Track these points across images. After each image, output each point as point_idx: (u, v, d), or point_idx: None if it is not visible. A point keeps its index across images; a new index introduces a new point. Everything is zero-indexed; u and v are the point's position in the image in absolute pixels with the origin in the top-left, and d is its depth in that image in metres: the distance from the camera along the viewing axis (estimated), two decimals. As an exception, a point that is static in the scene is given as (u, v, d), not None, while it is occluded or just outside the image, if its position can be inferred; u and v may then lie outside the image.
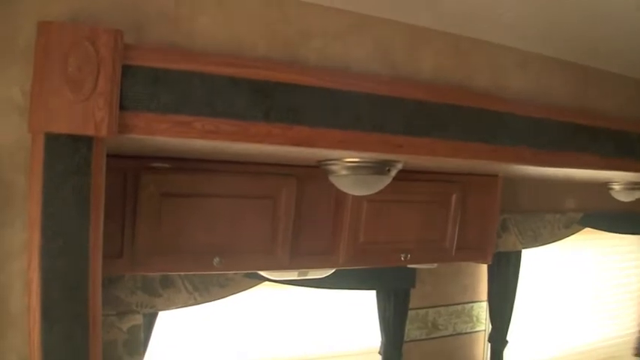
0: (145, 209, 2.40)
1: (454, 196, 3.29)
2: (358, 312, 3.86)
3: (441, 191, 3.27)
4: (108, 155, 1.91)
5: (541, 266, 4.69)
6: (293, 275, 2.93)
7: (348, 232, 2.89)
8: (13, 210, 2.02)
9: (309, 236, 2.81)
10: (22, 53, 1.94)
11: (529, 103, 2.93)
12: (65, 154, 1.80)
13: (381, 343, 3.81)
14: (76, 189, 1.82)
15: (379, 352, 3.83)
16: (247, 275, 3.03)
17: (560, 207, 4.30)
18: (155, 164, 2.43)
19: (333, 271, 3.04)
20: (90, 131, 1.80)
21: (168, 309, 2.86)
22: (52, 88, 1.79)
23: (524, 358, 4.68)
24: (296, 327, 3.64)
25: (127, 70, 1.88)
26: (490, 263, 3.67)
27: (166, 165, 2.45)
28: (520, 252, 4.21)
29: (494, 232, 3.57)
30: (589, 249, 4.98)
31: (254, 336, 3.50)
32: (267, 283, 3.17)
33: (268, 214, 2.67)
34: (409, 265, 3.48)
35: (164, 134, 1.92)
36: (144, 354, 2.78)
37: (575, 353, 4.98)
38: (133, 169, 2.40)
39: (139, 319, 2.33)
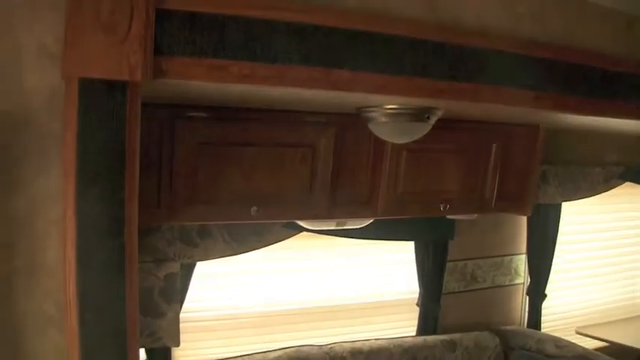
0: (182, 159, 2.38)
1: (494, 146, 3.22)
2: (397, 264, 3.83)
3: (481, 141, 3.21)
4: (143, 104, 1.87)
5: (579, 220, 4.60)
6: (331, 225, 2.90)
7: (386, 182, 2.84)
8: (49, 158, 1.99)
9: (348, 186, 2.77)
10: (54, 0, 1.89)
11: (572, 50, 2.84)
12: (99, 99, 1.76)
13: (420, 294, 3.79)
14: (111, 135, 1.79)
15: (417, 304, 3.82)
16: (285, 225, 3.00)
17: (601, 160, 4.21)
18: (192, 113, 2.39)
19: (371, 221, 2.99)
20: (124, 76, 1.76)
21: (205, 259, 2.86)
22: (85, 33, 1.74)
23: (561, 311, 4.63)
24: (336, 278, 3.64)
25: (161, 14, 1.82)
26: (529, 215, 3.60)
27: (203, 114, 2.42)
28: (560, 205, 4.15)
29: (534, 184, 3.50)
30: (628, 204, 4.88)
31: (293, 286, 3.50)
32: (305, 233, 3.17)
33: (307, 164, 2.63)
34: (448, 216, 3.43)
35: (200, 79, 1.88)
36: (180, 302, 2.79)
37: (612, 308, 4.91)
38: (169, 118, 2.37)
39: (175, 267, 2.31)
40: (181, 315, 2.99)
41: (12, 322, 2.00)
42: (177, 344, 2.37)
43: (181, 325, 3.09)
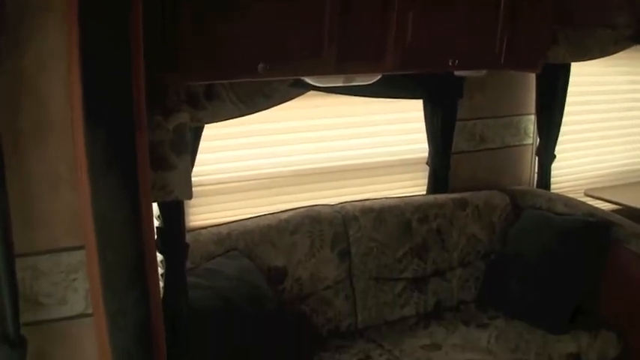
0: (185, 14, 2.31)
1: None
2: (407, 123, 3.83)
3: (490, -7, 3.12)
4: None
5: (591, 81, 4.55)
6: (339, 81, 2.85)
7: (395, 35, 2.78)
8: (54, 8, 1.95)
9: (356, 40, 2.70)
10: None
11: None
12: None
13: (429, 154, 3.80)
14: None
15: (427, 163, 3.82)
16: (293, 84, 2.97)
17: (611, 22, 4.11)
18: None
19: (379, 77, 2.95)
20: None
21: (213, 121, 2.84)
22: None
23: (570, 173, 4.65)
24: (346, 138, 3.64)
25: None
26: (539, 73, 3.55)
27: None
28: (569, 65, 4.08)
29: (545, 41, 3.42)
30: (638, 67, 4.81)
31: (303, 146, 3.51)
32: (313, 93, 3.14)
33: (314, 16, 2.56)
34: (457, 73, 3.39)
35: None
36: (192, 154, 2.80)
37: (622, 171, 4.93)
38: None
39: (185, 117, 2.28)
40: (192, 179, 3.01)
41: (23, 184, 2.00)
42: (189, 197, 2.37)
43: (193, 190, 3.13)
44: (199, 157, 2.97)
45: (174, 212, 2.40)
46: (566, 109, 4.17)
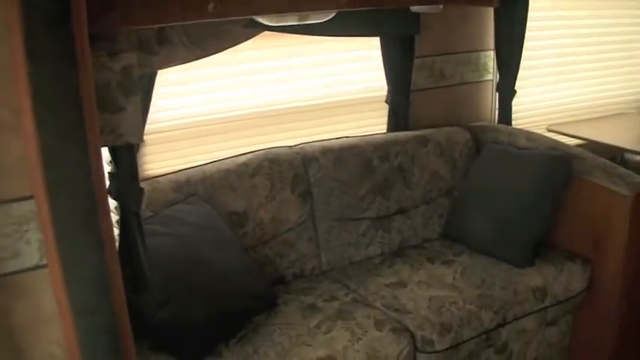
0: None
1: None
2: (364, 61, 3.78)
3: None
4: None
5: (548, 17, 4.53)
6: (293, 20, 2.80)
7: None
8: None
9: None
10: None
11: None
12: None
13: (388, 91, 3.76)
14: None
15: (386, 101, 3.79)
16: (246, 25, 2.91)
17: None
18: None
19: (334, 15, 2.90)
20: None
21: (166, 66, 2.79)
22: None
23: (531, 109, 4.64)
24: (303, 78, 3.59)
25: None
26: (497, 7, 3.50)
27: None
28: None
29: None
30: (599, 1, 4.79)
31: (259, 89, 3.46)
32: (268, 34, 3.10)
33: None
34: (413, 9, 3.34)
35: None
36: (147, 101, 2.75)
37: (582, 107, 4.93)
38: None
39: (132, 58, 2.21)
40: (147, 127, 2.96)
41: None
42: (140, 140, 2.34)
43: (148, 137, 3.07)
44: (155, 103, 2.91)
45: (126, 156, 2.34)
46: (526, 44, 4.14)
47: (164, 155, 3.22)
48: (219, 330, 2.71)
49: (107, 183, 2.17)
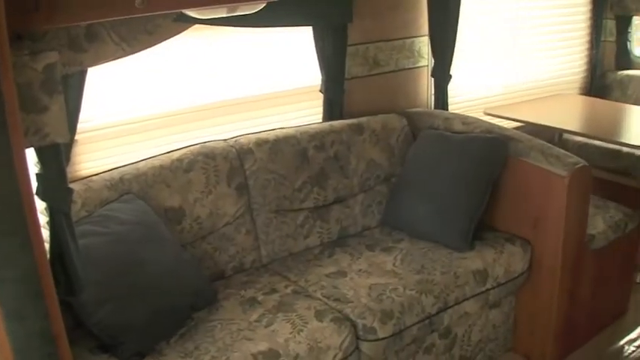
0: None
1: None
2: (297, 52, 3.77)
3: None
4: None
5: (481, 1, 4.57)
6: (222, 12, 2.76)
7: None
8: None
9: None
10: None
11: None
12: None
13: (322, 80, 3.76)
14: None
15: (320, 91, 3.79)
16: (176, 19, 2.87)
17: None
18: None
19: (264, 5, 2.88)
20: None
21: (96, 64, 2.73)
22: None
23: (468, 93, 4.68)
24: (236, 71, 3.56)
25: None
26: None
27: None
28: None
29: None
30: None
31: (192, 83, 3.43)
32: (199, 27, 3.08)
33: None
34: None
35: None
36: (77, 99, 2.70)
37: (520, 90, 4.99)
38: None
39: (54, 56, 2.16)
40: (78, 126, 2.89)
41: None
42: (66, 138, 2.27)
43: (80, 137, 3.01)
44: (86, 102, 2.86)
45: (53, 156, 2.29)
46: (461, 28, 4.19)
47: (98, 154, 3.16)
48: (159, 328, 2.69)
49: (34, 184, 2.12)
